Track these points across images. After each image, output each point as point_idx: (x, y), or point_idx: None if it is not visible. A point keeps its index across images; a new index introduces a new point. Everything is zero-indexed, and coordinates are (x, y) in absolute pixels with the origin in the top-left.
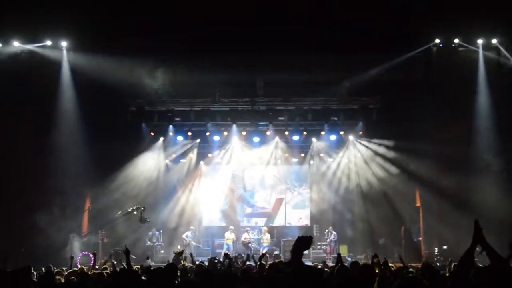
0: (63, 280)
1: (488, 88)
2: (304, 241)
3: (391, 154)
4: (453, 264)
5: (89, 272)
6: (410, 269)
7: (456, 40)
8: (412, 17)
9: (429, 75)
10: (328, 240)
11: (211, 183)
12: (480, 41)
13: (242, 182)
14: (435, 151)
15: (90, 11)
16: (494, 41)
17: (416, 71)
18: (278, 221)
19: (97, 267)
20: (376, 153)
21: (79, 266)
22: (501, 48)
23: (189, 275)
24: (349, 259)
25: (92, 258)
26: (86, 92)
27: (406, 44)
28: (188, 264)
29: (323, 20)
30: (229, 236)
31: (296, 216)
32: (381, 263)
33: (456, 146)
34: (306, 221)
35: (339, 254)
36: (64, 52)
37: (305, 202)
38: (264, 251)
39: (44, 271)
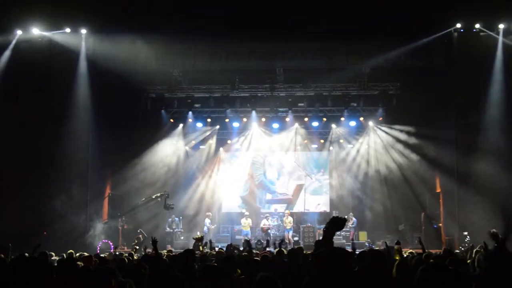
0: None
1: (505, 75)
2: (337, 222)
3: (411, 140)
4: (475, 249)
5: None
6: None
7: (477, 25)
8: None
9: (449, 61)
10: (348, 226)
11: (231, 169)
12: (501, 26)
13: (263, 168)
14: (455, 138)
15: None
16: None
17: (436, 57)
18: (297, 207)
19: (117, 253)
20: (396, 139)
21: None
22: None
23: (212, 260)
24: (368, 244)
25: (112, 246)
26: (106, 79)
27: (426, 29)
28: (207, 250)
29: (342, 5)
30: (245, 222)
31: (315, 202)
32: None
33: (477, 133)
34: (325, 207)
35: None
36: (83, 39)
37: (324, 188)
38: (289, 235)
39: (65, 256)
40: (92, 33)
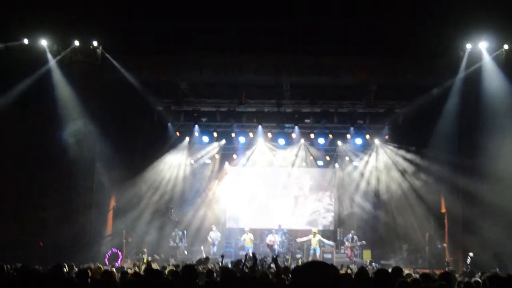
0: None
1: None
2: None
3: (416, 159)
4: (484, 275)
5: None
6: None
7: (483, 45)
8: (441, 21)
9: (455, 81)
10: (350, 244)
11: (235, 184)
12: (506, 47)
13: (267, 184)
14: (461, 158)
15: (120, 11)
16: None
17: (443, 77)
18: (302, 225)
19: (124, 266)
20: (402, 158)
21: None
22: None
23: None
24: (376, 265)
25: (121, 255)
26: (114, 91)
27: (435, 48)
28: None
29: (351, 22)
30: (246, 237)
31: (320, 219)
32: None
33: (482, 154)
34: (330, 225)
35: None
36: (99, 52)
37: (329, 205)
38: (317, 255)
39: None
40: (102, 46)
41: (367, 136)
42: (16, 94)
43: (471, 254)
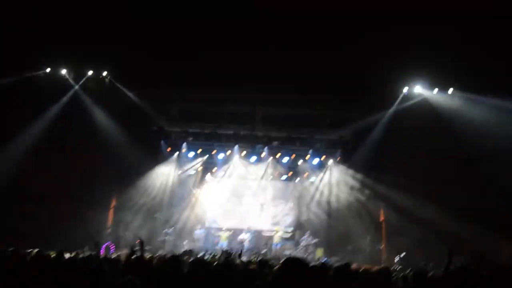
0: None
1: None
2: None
3: (362, 178)
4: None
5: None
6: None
7: (418, 89)
8: (385, 68)
9: (392, 117)
10: (306, 243)
11: (214, 191)
12: (435, 91)
13: (240, 192)
14: (397, 177)
15: (125, 49)
16: (450, 90)
17: (383, 111)
18: (266, 226)
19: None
20: (350, 176)
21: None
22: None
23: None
24: (325, 259)
25: (113, 248)
26: (118, 114)
27: (377, 90)
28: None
29: (315, 68)
30: (223, 235)
31: (281, 223)
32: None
33: (412, 174)
34: (289, 227)
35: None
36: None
37: (289, 212)
38: (277, 248)
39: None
40: (111, 76)
41: (323, 157)
42: (47, 118)
43: (402, 254)
